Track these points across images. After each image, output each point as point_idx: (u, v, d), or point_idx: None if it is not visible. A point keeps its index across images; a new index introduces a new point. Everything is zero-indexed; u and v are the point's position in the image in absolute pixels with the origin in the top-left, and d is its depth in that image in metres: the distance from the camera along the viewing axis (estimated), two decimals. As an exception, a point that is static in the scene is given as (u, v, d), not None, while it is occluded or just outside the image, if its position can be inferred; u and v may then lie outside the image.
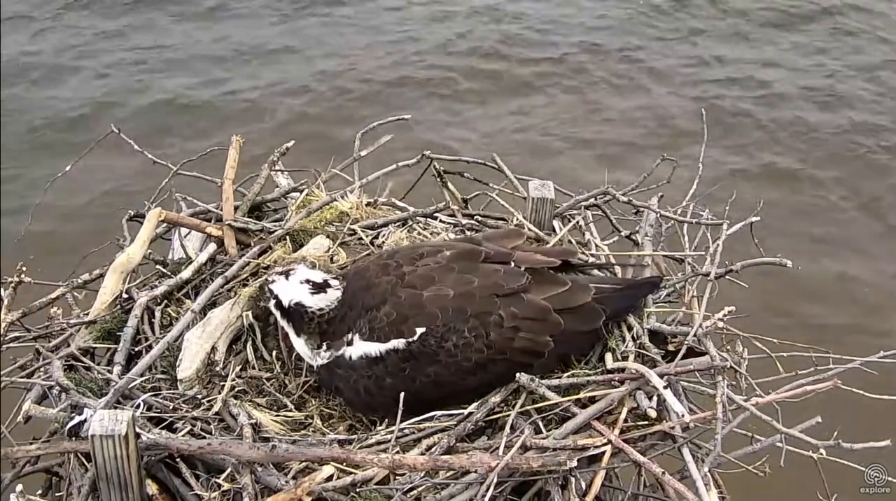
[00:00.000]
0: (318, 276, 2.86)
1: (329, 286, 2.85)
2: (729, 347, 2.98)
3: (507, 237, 3.17)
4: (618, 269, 3.38)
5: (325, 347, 2.83)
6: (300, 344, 2.89)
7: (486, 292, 2.78)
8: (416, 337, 2.73)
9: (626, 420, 2.71)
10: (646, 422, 2.71)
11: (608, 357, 2.89)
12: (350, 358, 2.78)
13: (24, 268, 3.23)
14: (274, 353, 3.03)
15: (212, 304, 3.14)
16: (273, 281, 2.87)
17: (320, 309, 2.82)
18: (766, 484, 2.88)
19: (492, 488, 2.40)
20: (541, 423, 2.70)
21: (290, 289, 2.84)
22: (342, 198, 3.60)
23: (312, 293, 2.83)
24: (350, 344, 2.78)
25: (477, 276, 2.81)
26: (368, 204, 3.66)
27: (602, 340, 2.95)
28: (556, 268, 2.99)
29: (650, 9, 10.34)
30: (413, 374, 2.73)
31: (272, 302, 2.88)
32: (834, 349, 2.90)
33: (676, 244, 3.45)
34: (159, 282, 3.31)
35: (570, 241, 3.47)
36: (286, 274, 2.87)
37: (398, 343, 2.73)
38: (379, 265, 2.89)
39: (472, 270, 2.83)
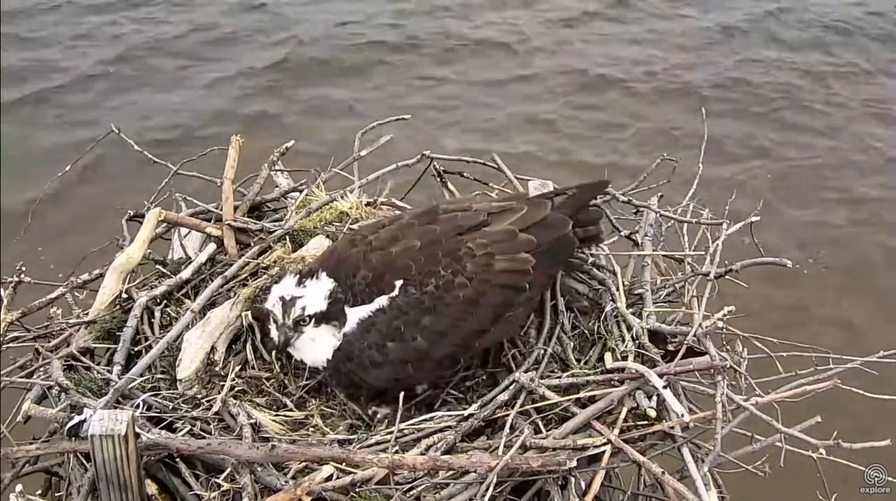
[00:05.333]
0: (294, 277, 2.83)
1: (316, 272, 2.82)
2: (729, 347, 2.98)
3: (463, 200, 3.28)
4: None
5: (336, 328, 2.81)
6: (332, 342, 2.81)
7: (451, 234, 2.86)
8: (396, 291, 2.76)
9: (625, 420, 2.71)
10: (645, 422, 2.71)
11: (608, 356, 2.89)
12: (347, 332, 2.78)
13: (23, 268, 3.23)
14: (273, 353, 3.03)
15: (211, 304, 3.14)
16: (304, 309, 2.75)
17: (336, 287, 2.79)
18: (766, 484, 2.88)
19: (491, 488, 2.40)
20: (540, 423, 2.70)
21: (312, 293, 2.77)
22: (342, 197, 3.60)
23: (311, 282, 2.80)
24: (344, 315, 2.79)
25: (438, 225, 2.89)
26: (368, 204, 3.66)
27: (575, 245, 3.08)
28: None
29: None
30: (411, 331, 2.74)
31: (311, 323, 2.78)
32: (834, 349, 2.90)
33: (676, 244, 3.45)
34: (159, 282, 3.31)
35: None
36: (288, 301, 2.77)
37: (382, 300, 2.76)
38: (345, 242, 2.95)
39: (432, 221, 2.91)
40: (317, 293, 2.78)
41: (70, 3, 10.82)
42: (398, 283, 2.77)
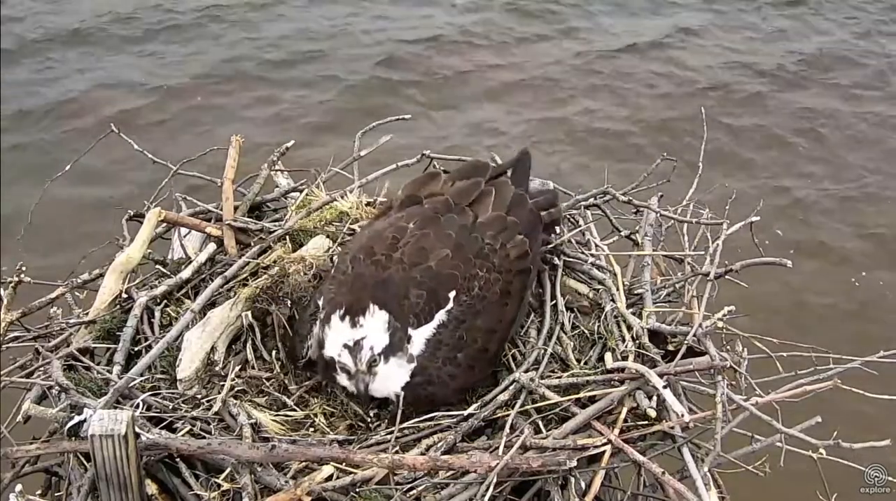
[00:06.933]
0: (343, 319, 2.71)
1: (365, 307, 2.72)
2: (729, 347, 2.98)
3: (429, 182, 3.28)
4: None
5: (403, 355, 2.76)
6: (402, 372, 2.75)
7: (465, 235, 2.96)
8: (451, 303, 2.82)
9: (625, 420, 2.71)
10: (645, 422, 2.71)
11: (608, 356, 2.89)
12: (417, 354, 2.75)
13: (23, 268, 3.23)
14: (273, 353, 3.03)
15: (211, 304, 3.14)
16: (372, 350, 2.68)
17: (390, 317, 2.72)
18: (766, 484, 2.88)
19: (491, 488, 2.40)
20: (541, 423, 2.70)
21: (373, 330, 2.69)
22: (342, 197, 3.60)
23: (365, 319, 2.71)
24: (409, 339, 2.76)
25: (449, 229, 2.96)
26: (368, 204, 3.66)
27: (540, 218, 3.22)
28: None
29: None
30: (472, 335, 2.82)
31: (382, 361, 2.69)
32: (834, 349, 2.90)
33: (676, 244, 3.45)
34: (159, 282, 3.31)
35: (570, 241, 3.47)
36: (354, 346, 2.68)
37: (440, 315, 2.80)
38: (370, 264, 2.86)
39: (441, 227, 2.96)
40: (376, 328, 2.70)
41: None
42: (451, 295, 2.83)
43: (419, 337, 2.78)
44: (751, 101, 9.23)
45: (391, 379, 2.74)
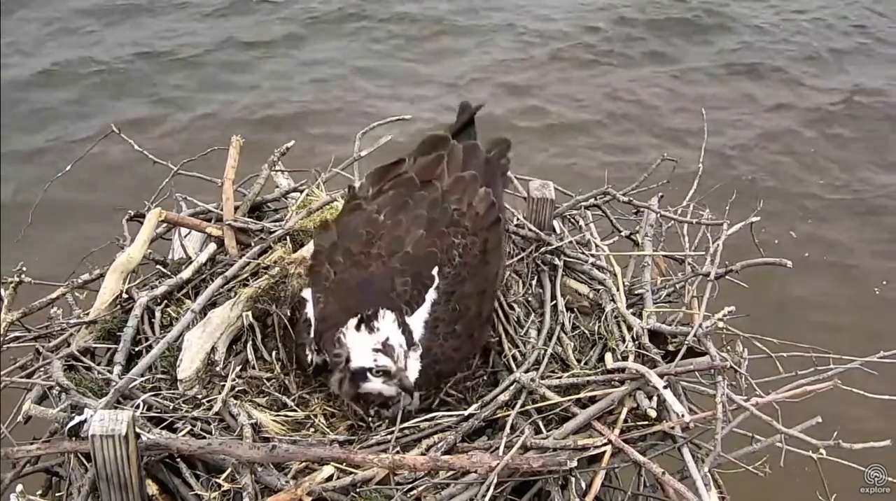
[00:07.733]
0: (356, 330, 2.69)
1: (375, 313, 2.71)
2: (729, 347, 2.98)
3: (392, 169, 3.14)
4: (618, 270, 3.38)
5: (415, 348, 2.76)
6: (416, 364, 2.76)
7: (436, 209, 2.96)
8: (436, 280, 2.83)
9: (626, 421, 2.71)
10: (646, 422, 2.72)
11: (608, 357, 2.89)
12: (420, 339, 2.75)
13: (24, 268, 3.24)
14: (274, 354, 3.03)
15: (212, 304, 3.14)
16: (401, 346, 2.68)
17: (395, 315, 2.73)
18: (767, 484, 2.88)
19: (492, 488, 2.40)
20: (541, 423, 2.70)
21: (391, 331, 2.68)
22: (342, 198, 3.60)
23: (380, 323, 2.71)
24: (410, 329, 2.74)
25: (419, 209, 2.95)
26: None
27: (494, 161, 3.21)
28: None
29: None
30: (464, 303, 2.84)
31: (405, 352, 2.71)
32: (834, 349, 2.90)
33: (677, 244, 3.46)
34: (159, 282, 3.32)
35: (570, 241, 3.47)
36: (386, 348, 2.68)
37: (432, 295, 2.82)
38: (349, 264, 2.86)
39: (411, 209, 2.95)
40: (392, 328, 2.69)
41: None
42: (435, 271, 2.84)
43: (416, 322, 2.79)
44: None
45: (412, 372, 2.74)
